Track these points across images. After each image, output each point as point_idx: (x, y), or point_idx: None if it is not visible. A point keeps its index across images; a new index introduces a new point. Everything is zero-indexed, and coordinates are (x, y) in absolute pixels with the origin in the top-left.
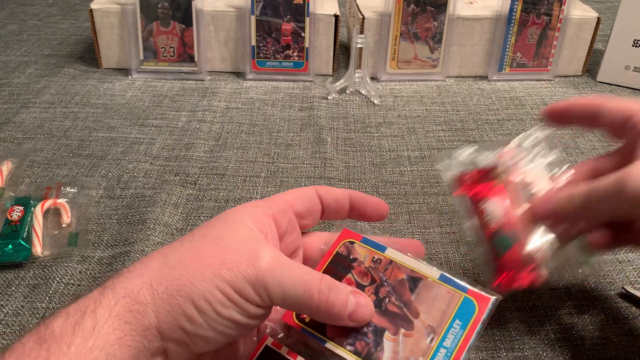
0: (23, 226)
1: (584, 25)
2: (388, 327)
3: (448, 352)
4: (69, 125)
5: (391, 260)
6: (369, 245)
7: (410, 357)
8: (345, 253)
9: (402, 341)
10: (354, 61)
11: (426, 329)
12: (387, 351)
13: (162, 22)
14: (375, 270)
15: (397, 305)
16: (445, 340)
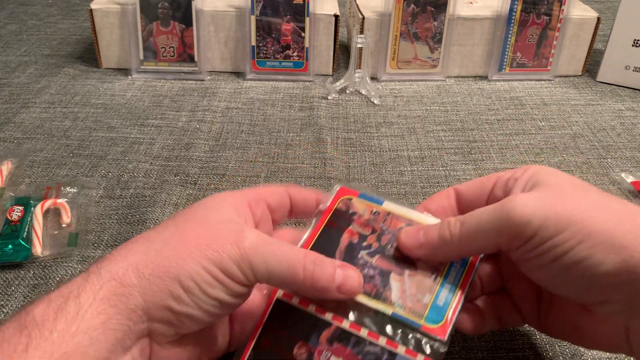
0: (23, 226)
1: (584, 25)
2: (393, 269)
3: (452, 287)
4: (68, 125)
5: (389, 212)
6: (366, 200)
7: (417, 294)
8: (344, 208)
9: (407, 280)
10: (354, 61)
11: (429, 269)
12: (395, 290)
13: (162, 22)
14: (375, 222)
15: (399, 250)
16: (448, 277)
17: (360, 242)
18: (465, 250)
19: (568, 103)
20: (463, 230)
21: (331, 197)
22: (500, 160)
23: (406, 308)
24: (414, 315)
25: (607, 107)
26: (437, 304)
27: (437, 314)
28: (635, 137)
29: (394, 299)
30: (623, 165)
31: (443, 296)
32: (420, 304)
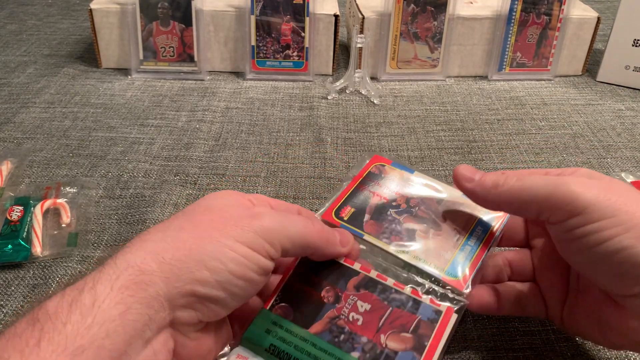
0: (23, 226)
1: (584, 25)
2: (419, 228)
3: (473, 249)
4: (68, 125)
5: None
6: (398, 168)
7: (440, 251)
8: (377, 172)
9: (432, 238)
10: (353, 61)
11: (453, 230)
12: (419, 245)
13: (162, 21)
14: (406, 187)
15: (426, 212)
16: (470, 239)
17: (390, 201)
18: (509, 203)
19: (568, 103)
20: (516, 184)
21: (363, 163)
22: (500, 160)
23: (429, 262)
24: (435, 268)
25: (607, 106)
26: (457, 260)
27: (457, 270)
28: (635, 137)
29: (418, 253)
30: (623, 165)
31: (463, 256)
32: (443, 260)
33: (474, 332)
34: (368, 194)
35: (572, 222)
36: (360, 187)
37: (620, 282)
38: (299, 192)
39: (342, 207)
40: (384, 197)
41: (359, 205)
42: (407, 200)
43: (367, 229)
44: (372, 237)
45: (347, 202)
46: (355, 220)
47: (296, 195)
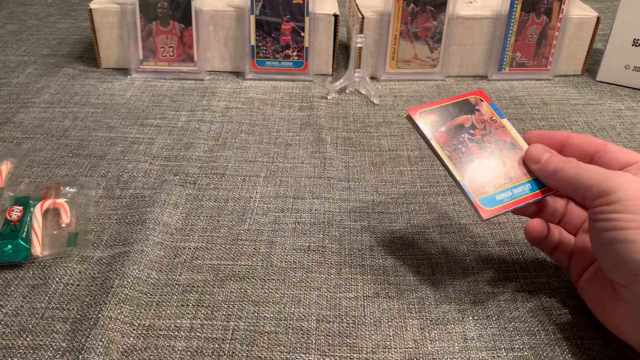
0: (22, 226)
1: (584, 24)
2: (480, 157)
3: (513, 196)
4: (68, 125)
5: (503, 126)
6: (493, 109)
7: (485, 184)
8: (474, 102)
9: (485, 170)
10: (353, 61)
11: (505, 174)
12: (471, 170)
13: (162, 21)
14: (490, 124)
15: (494, 150)
16: (515, 188)
17: (469, 128)
18: (563, 188)
19: (568, 102)
20: (574, 172)
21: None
22: None
23: (471, 184)
24: (472, 191)
25: (607, 106)
26: (494, 196)
27: (490, 203)
28: (635, 137)
29: (467, 172)
30: None
31: (502, 196)
32: (483, 190)
33: (474, 332)
34: (455, 114)
35: (603, 208)
36: (452, 106)
37: (616, 271)
38: (299, 192)
39: (430, 112)
40: (467, 123)
41: (442, 118)
42: (484, 134)
43: (437, 137)
44: (437, 145)
45: (435, 111)
46: (432, 126)
47: (296, 195)
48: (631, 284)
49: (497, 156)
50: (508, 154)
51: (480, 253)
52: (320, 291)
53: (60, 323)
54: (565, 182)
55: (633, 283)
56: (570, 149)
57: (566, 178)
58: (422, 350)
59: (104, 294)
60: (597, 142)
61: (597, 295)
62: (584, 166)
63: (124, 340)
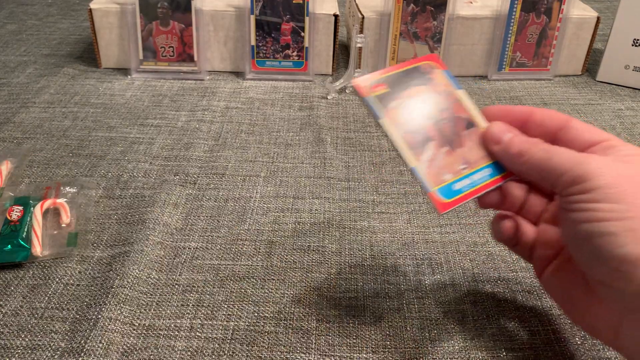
0: (22, 226)
1: (584, 24)
2: (437, 139)
3: (472, 184)
4: (68, 125)
5: (459, 99)
6: (448, 78)
7: (442, 170)
8: (425, 71)
9: (441, 154)
10: (353, 61)
11: (464, 159)
12: (426, 154)
13: (162, 21)
14: (445, 97)
15: (450, 129)
16: (474, 174)
17: (422, 103)
18: (529, 174)
19: (568, 103)
20: (542, 156)
21: None
22: None
23: (427, 172)
24: (428, 181)
25: (607, 106)
26: (452, 186)
27: (447, 193)
28: (635, 137)
29: (421, 160)
30: None
31: (461, 185)
32: (439, 178)
33: (474, 331)
34: (407, 85)
35: (578, 197)
36: (404, 75)
37: (595, 268)
38: (299, 192)
39: (380, 82)
40: (420, 96)
41: (394, 89)
42: (439, 111)
43: (388, 114)
44: (388, 124)
45: (386, 81)
46: (383, 100)
47: (296, 195)
48: (613, 281)
49: (455, 134)
50: (466, 134)
51: (480, 253)
52: (320, 291)
53: (59, 323)
54: (531, 167)
55: (615, 280)
56: (534, 126)
57: (532, 162)
58: (422, 351)
59: (104, 294)
60: (560, 117)
61: (566, 292)
62: (553, 149)
63: (124, 341)
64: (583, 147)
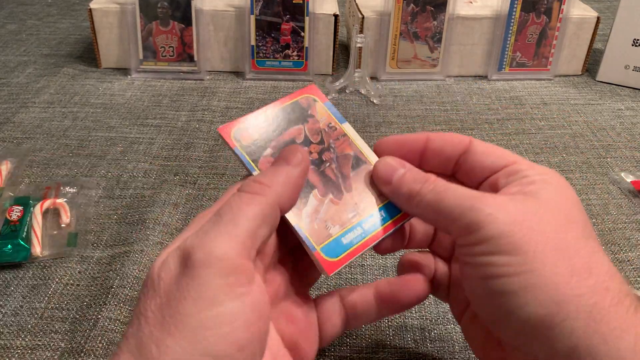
0: (22, 226)
1: (584, 24)
2: (319, 187)
3: (364, 234)
4: (68, 125)
5: (345, 134)
6: (330, 111)
7: (328, 222)
8: (305, 105)
9: (326, 204)
10: (353, 61)
11: (353, 205)
12: (310, 206)
13: (162, 21)
14: (327, 135)
15: (334, 173)
16: (365, 222)
17: (302, 144)
18: (422, 217)
19: (568, 102)
20: (432, 199)
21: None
22: None
23: (310, 228)
24: (313, 238)
25: (607, 106)
26: (341, 240)
27: (335, 250)
28: (635, 137)
29: (303, 214)
30: (623, 164)
31: (350, 237)
32: (325, 233)
33: None
34: (282, 126)
35: (472, 249)
36: (278, 114)
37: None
38: None
39: (247, 128)
40: (298, 138)
41: (266, 133)
42: (322, 150)
43: (262, 165)
44: None
45: (254, 125)
46: (255, 150)
47: None
48: (520, 344)
49: (342, 177)
50: (354, 174)
51: None
52: (320, 291)
53: (59, 323)
54: (423, 211)
55: (522, 344)
56: (432, 155)
57: (423, 205)
58: (422, 351)
59: (104, 294)
60: (460, 142)
61: (482, 344)
62: (444, 189)
63: None
64: (486, 175)
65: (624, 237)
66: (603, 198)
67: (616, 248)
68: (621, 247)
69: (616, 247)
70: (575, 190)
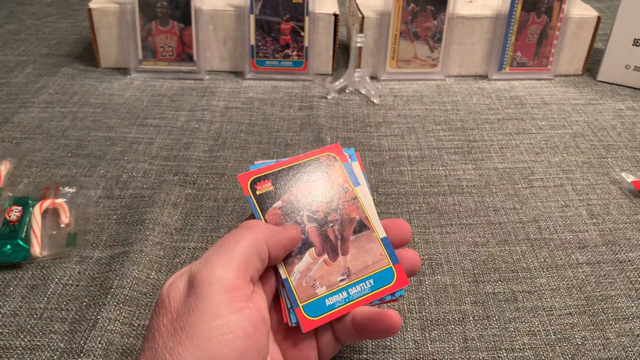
0: (21, 226)
1: (584, 24)
2: (317, 245)
3: (347, 299)
4: (67, 125)
5: (356, 197)
6: (347, 172)
7: (316, 282)
8: (324, 164)
9: (319, 264)
10: (353, 60)
11: (344, 269)
12: (303, 264)
13: (161, 21)
14: (338, 197)
15: (335, 235)
16: (352, 288)
17: (311, 202)
18: None
19: (568, 102)
20: None
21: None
22: (501, 160)
23: (298, 285)
24: (298, 294)
25: (608, 106)
26: (324, 301)
27: (316, 309)
28: (635, 137)
29: (295, 270)
30: (623, 164)
31: (334, 299)
32: (311, 292)
33: (474, 332)
34: (298, 181)
35: None
36: (299, 168)
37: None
38: None
39: (265, 179)
40: (311, 194)
41: (281, 188)
42: (329, 211)
43: (269, 216)
44: None
45: (272, 177)
46: (265, 201)
47: None
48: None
49: (341, 240)
50: (354, 238)
51: (480, 253)
52: None
53: (58, 323)
54: None
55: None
56: None
57: None
58: (422, 351)
59: (103, 295)
60: None
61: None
62: None
63: (123, 341)
64: None
65: (624, 237)
66: (604, 198)
67: (617, 248)
68: (622, 247)
69: (617, 247)
70: (575, 190)
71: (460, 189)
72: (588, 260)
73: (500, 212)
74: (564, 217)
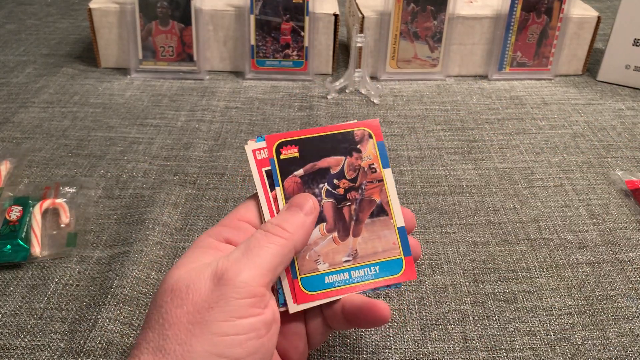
0: (22, 226)
1: (584, 24)
2: (329, 222)
3: (348, 281)
4: (67, 125)
5: (382, 180)
6: (379, 151)
7: (320, 257)
8: (358, 138)
9: (327, 240)
10: (353, 60)
11: (352, 250)
12: (311, 237)
13: (161, 21)
14: (364, 175)
15: (350, 214)
16: (355, 271)
17: (335, 176)
18: None
19: (568, 102)
20: None
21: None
22: (501, 160)
23: (302, 257)
24: (300, 266)
25: (608, 106)
26: (324, 278)
27: (314, 284)
28: (635, 137)
29: None
30: (623, 164)
31: (334, 278)
32: (314, 266)
33: (474, 332)
34: (325, 152)
35: None
36: (327, 139)
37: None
38: None
39: (292, 144)
40: (334, 168)
41: (307, 155)
42: (350, 188)
43: (287, 183)
44: (281, 195)
45: (300, 144)
46: (287, 166)
47: None
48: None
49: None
50: (369, 222)
51: (480, 253)
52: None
53: (59, 323)
54: None
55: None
56: None
57: None
58: (422, 351)
59: (103, 295)
60: None
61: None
62: None
63: (123, 341)
64: None
65: (624, 237)
66: (603, 198)
67: (617, 248)
68: (622, 247)
69: (617, 247)
70: (575, 190)
71: (460, 189)
72: (588, 260)
73: (500, 212)
74: (563, 217)
